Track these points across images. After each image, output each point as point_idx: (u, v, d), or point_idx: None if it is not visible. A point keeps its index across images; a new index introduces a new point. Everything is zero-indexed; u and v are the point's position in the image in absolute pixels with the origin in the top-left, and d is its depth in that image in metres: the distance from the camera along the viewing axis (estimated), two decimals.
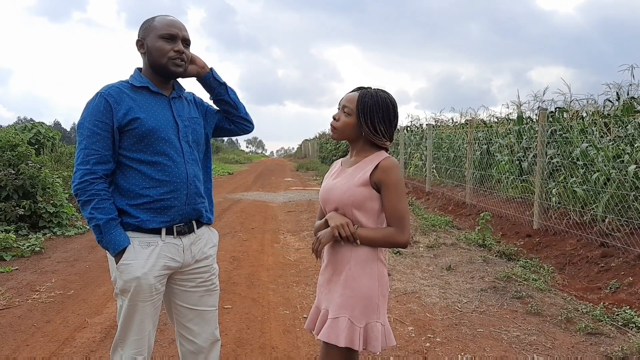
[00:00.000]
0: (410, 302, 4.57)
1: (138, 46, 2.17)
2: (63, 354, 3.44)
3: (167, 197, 2.10)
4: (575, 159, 7.12)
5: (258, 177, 21.01)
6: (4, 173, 7.23)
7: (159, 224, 2.10)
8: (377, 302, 2.05)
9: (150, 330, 2.16)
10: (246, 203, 11.59)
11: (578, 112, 8.18)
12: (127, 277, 2.04)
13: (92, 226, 2.03)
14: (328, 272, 2.14)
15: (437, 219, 8.68)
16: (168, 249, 2.13)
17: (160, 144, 2.09)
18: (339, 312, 2.03)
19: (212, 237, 2.38)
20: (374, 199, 2.04)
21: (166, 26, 2.12)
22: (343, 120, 2.10)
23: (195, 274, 2.26)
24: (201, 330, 2.30)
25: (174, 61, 2.13)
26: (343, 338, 1.99)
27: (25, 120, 23.66)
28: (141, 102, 2.10)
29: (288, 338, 3.77)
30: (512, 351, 3.57)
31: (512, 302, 4.57)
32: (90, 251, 6.44)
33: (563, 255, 6.16)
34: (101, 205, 2.01)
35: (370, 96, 2.07)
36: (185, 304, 2.27)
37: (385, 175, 2.02)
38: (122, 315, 2.11)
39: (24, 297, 4.61)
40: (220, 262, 5.70)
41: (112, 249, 2.03)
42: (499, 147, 10.02)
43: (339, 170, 2.20)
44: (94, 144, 2.03)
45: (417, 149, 15.29)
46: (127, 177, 2.09)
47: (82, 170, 2.03)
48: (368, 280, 2.04)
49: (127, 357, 2.12)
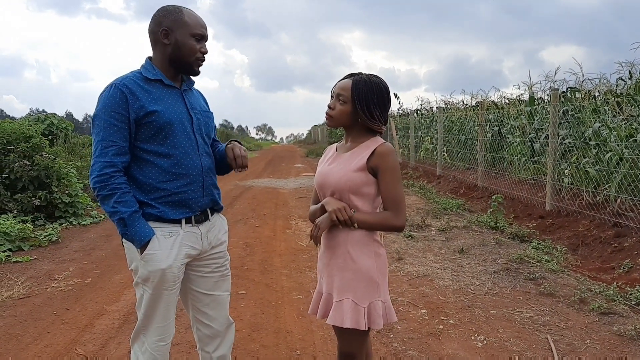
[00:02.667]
0: (423, 285, 4.60)
1: (162, 35, 2.11)
2: (83, 340, 3.51)
3: (185, 190, 2.13)
4: (587, 139, 7.07)
5: (268, 164, 21.05)
6: (19, 164, 7.32)
7: (180, 214, 2.14)
8: (377, 280, 2.09)
9: (172, 316, 2.22)
10: (257, 190, 11.64)
11: (590, 92, 8.10)
12: (153, 267, 2.07)
13: (115, 219, 2.03)
14: (326, 256, 2.18)
15: (449, 202, 8.68)
16: (188, 237, 2.16)
17: (176, 137, 2.10)
18: (342, 295, 2.07)
19: (223, 223, 2.42)
20: (370, 184, 2.07)
21: (199, 26, 2.13)
22: (339, 109, 2.10)
23: (211, 260, 2.30)
24: (217, 314, 2.35)
25: (198, 62, 2.16)
26: (349, 319, 2.03)
27: (38, 112, 23.82)
28: (156, 95, 2.10)
29: (302, 322, 3.82)
30: (525, 332, 3.60)
31: (525, 283, 4.59)
32: (106, 240, 6.53)
33: (576, 236, 6.14)
34: (124, 199, 2.02)
35: (364, 82, 2.08)
36: (202, 290, 2.31)
37: (382, 160, 2.05)
38: (144, 304, 2.14)
39: (43, 285, 4.70)
40: (234, 249, 5.76)
41: (137, 241, 2.05)
42: (510, 129, 9.96)
43: (335, 156, 2.22)
44: (112, 135, 2.02)
45: (428, 133, 15.22)
46: (143, 171, 2.10)
47: (101, 163, 2.02)
48: (366, 260, 2.08)
49: (150, 343, 2.16)
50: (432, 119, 15.49)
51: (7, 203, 7.10)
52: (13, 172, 7.32)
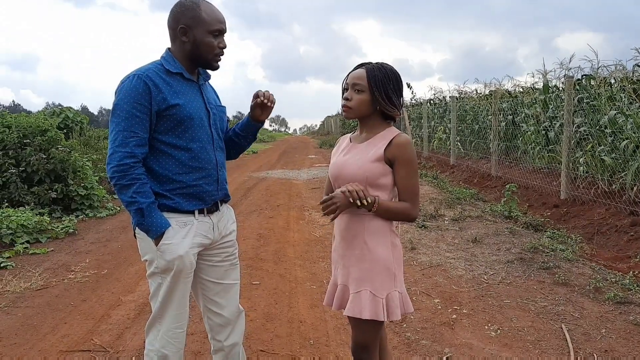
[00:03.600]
0: (436, 275, 4.60)
1: (180, 33, 2.10)
2: (99, 330, 3.57)
3: (200, 183, 2.16)
4: (603, 126, 6.98)
5: (282, 155, 21.09)
6: (35, 158, 7.42)
7: (194, 206, 2.17)
8: (394, 271, 2.09)
9: (187, 304, 2.26)
10: (271, 181, 11.68)
11: (606, 79, 7.98)
12: (170, 256, 2.10)
13: (133, 209, 2.04)
14: (342, 247, 2.17)
15: (462, 192, 8.63)
16: (202, 226, 2.19)
17: (195, 131, 2.13)
18: (360, 286, 2.07)
19: (231, 213, 2.45)
20: (387, 175, 2.06)
21: (217, 22, 2.11)
22: (357, 98, 2.08)
23: (221, 249, 2.33)
24: (227, 302, 2.38)
25: (217, 57, 2.16)
26: (367, 311, 2.03)
27: (54, 106, 24.03)
28: (178, 88, 2.11)
29: (315, 312, 3.84)
30: (539, 321, 3.58)
31: (539, 272, 4.56)
32: (121, 231, 6.60)
33: (591, 225, 6.09)
34: (142, 189, 2.03)
35: (379, 69, 2.08)
36: (212, 278, 2.34)
37: (400, 151, 2.04)
38: (162, 293, 2.16)
39: (60, 277, 4.77)
40: (247, 240, 5.80)
41: (153, 231, 2.07)
42: (524, 117, 9.87)
43: (350, 146, 2.20)
44: (133, 126, 2.03)
45: (441, 122, 15.13)
46: (160, 162, 2.12)
47: (121, 153, 2.02)
48: (383, 251, 2.08)
49: (166, 331, 2.19)
50: (445, 109, 15.41)
51: (24, 196, 7.20)
52: (30, 165, 7.42)
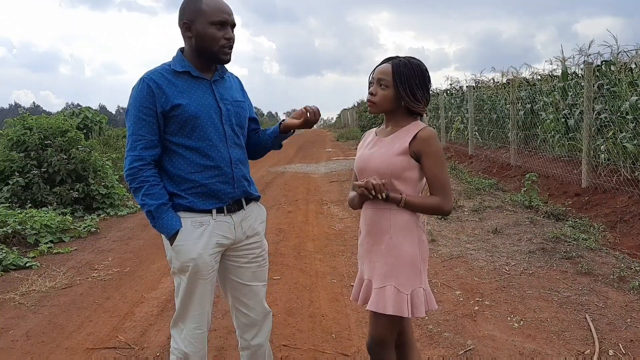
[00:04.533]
0: (457, 266, 4.57)
1: (184, 29, 2.12)
2: (124, 328, 3.62)
3: (213, 182, 2.14)
4: (624, 113, 6.86)
5: (299, 149, 21.09)
6: (57, 158, 7.53)
7: (210, 205, 2.16)
8: (419, 267, 2.08)
9: (209, 305, 2.26)
10: (289, 175, 11.70)
11: (626, 64, 7.83)
12: (184, 258, 2.11)
13: (145, 211, 2.09)
14: (368, 242, 2.16)
15: (482, 182, 8.57)
16: (219, 226, 2.18)
17: (203, 129, 2.11)
18: (385, 281, 2.06)
19: (261, 213, 2.42)
20: (412, 168, 2.05)
21: (218, 12, 2.09)
22: (381, 94, 2.08)
23: (247, 250, 2.31)
24: (254, 304, 2.37)
25: (224, 49, 2.13)
26: (391, 306, 2.02)
27: (73, 106, 24.37)
28: (183, 87, 2.11)
29: (336, 306, 3.85)
30: (562, 312, 3.55)
31: (562, 262, 4.51)
32: (143, 229, 6.68)
33: (614, 213, 6.00)
34: (151, 191, 2.06)
35: (404, 65, 2.06)
36: (240, 280, 2.33)
37: (426, 145, 2.03)
38: (181, 293, 2.18)
39: (84, 275, 4.85)
40: (267, 235, 5.79)
41: (165, 232, 2.10)
42: (543, 106, 9.73)
43: (375, 140, 2.19)
44: (140, 129, 2.07)
45: (458, 112, 15.00)
46: (173, 162, 2.13)
47: (131, 157, 2.08)
48: (410, 246, 2.07)
49: (188, 330, 2.21)
50: (462, 99, 15.26)
51: (47, 196, 7.32)
52: (51, 166, 7.54)
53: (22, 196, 7.24)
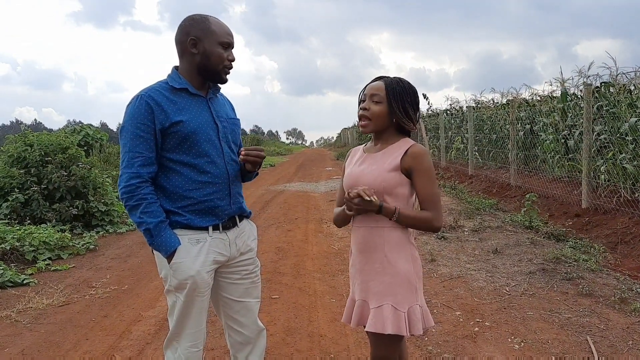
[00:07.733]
0: (457, 286, 4.55)
1: (189, 44, 2.13)
2: (121, 346, 3.58)
3: (211, 198, 2.15)
4: (624, 134, 6.88)
5: (299, 167, 21.12)
6: (57, 175, 7.54)
7: (207, 222, 2.16)
8: (415, 284, 2.08)
9: (204, 322, 2.24)
10: (289, 194, 11.69)
11: (625, 86, 7.87)
12: (182, 275, 2.10)
13: (142, 230, 2.07)
14: (360, 261, 2.16)
15: (482, 202, 8.56)
16: (216, 243, 2.18)
17: (202, 146, 2.12)
18: (382, 300, 2.05)
19: (253, 230, 2.43)
20: (404, 185, 2.06)
21: (225, 34, 2.16)
22: (375, 109, 2.09)
23: (240, 267, 2.31)
24: (247, 321, 2.35)
25: (226, 69, 2.18)
26: (390, 325, 2.00)
27: (75, 123, 24.45)
28: (181, 104, 2.13)
29: (336, 326, 3.81)
30: (564, 333, 3.52)
31: (563, 283, 4.49)
32: (141, 247, 6.65)
33: (614, 234, 5.98)
34: (149, 209, 2.05)
35: (397, 83, 2.10)
36: (232, 297, 2.32)
37: (417, 161, 2.05)
38: (177, 311, 2.16)
39: (81, 293, 4.81)
40: (266, 253, 5.79)
41: (163, 250, 2.08)
42: (543, 126, 9.76)
43: (365, 157, 2.20)
44: (137, 146, 2.06)
45: (458, 132, 15.05)
46: (170, 180, 2.13)
47: (127, 174, 2.06)
48: (404, 263, 2.07)
49: (183, 349, 2.19)
50: (462, 119, 15.32)
51: (46, 213, 7.31)
52: (51, 182, 7.54)
53: (21, 212, 7.22)
